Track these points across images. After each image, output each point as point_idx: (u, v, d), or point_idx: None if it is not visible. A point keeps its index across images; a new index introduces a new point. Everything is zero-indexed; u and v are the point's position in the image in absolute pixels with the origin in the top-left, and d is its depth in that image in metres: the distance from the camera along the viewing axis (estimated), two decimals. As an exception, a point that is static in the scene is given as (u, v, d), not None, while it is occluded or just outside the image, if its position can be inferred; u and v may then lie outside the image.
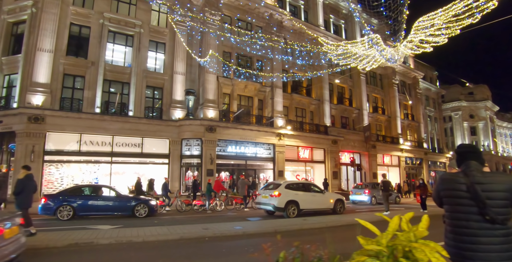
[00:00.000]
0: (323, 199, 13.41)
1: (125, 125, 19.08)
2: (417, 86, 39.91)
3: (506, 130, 67.63)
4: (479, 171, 2.38)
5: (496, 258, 2.19)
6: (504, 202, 2.25)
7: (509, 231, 2.23)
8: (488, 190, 2.26)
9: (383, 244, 1.37)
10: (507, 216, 2.24)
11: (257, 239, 7.06)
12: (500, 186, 2.27)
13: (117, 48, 20.67)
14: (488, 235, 2.23)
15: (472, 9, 11.73)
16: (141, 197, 11.96)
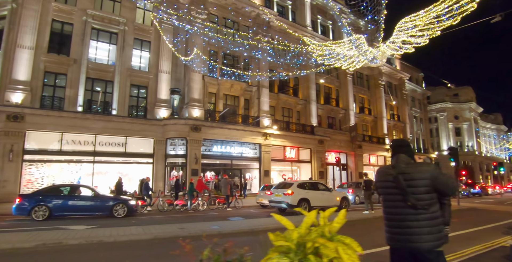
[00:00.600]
0: (331, 197, 14.27)
1: (109, 124, 18.80)
2: (403, 87, 40.45)
3: (489, 131, 69.11)
4: (405, 162, 2.60)
5: (420, 239, 2.40)
6: (425, 189, 2.46)
7: (432, 215, 2.45)
8: (410, 179, 2.49)
9: (292, 240, 1.34)
10: (429, 201, 2.45)
11: (231, 238, 7.01)
12: (422, 174, 2.48)
13: (101, 46, 20.37)
14: (412, 219, 2.45)
15: (452, 11, 11.95)
16: (119, 197, 11.77)
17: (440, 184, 2.46)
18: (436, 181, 2.45)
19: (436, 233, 2.42)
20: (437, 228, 2.44)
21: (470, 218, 12.31)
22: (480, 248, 6.26)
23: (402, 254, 2.52)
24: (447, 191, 2.55)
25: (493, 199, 26.60)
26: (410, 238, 2.44)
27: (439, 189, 2.49)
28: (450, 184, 2.51)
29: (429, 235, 2.40)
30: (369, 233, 8.43)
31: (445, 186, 2.49)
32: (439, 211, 2.51)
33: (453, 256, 5.50)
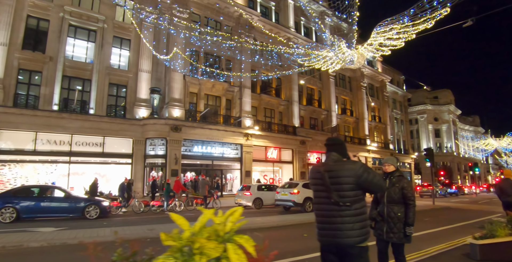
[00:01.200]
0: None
1: (85, 124, 18.38)
2: (384, 89, 41.21)
3: (468, 133, 71.20)
4: (333, 160, 2.65)
5: (342, 235, 2.45)
6: (349, 186, 2.49)
7: (355, 211, 2.48)
8: (336, 176, 2.53)
9: (181, 240, 1.32)
10: (353, 198, 2.49)
11: None
12: (346, 172, 2.52)
13: (79, 43, 19.89)
14: (336, 215, 2.50)
15: (427, 15, 12.26)
16: (92, 198, 11.51)
17: (365, 182, 2.50)
18: (360, 179, 2.48)
19: (358, 229, 2.46)
20: (360, 224, 2.48)
21: (442, 217, 12.63)
22: (445, 247, 6.41)
23: (329, 249, 2.56)
24: (373, 189, 2.61)
25: (468, 199, 27.40)
26: (334, 233, 2.49)
27: (364, 187, 2.54)
28: (376, 183, 2.53)
29: (352, 231, 2.44)
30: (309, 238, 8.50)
31: (370, 184, 2.52)
32: (364, 207, 2.56)
33: (417, 255, 5.61)
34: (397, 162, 4.30)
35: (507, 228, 5.40)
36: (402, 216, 3.85)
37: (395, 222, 3.86)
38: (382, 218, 3.99)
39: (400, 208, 3.91)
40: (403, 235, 3.81)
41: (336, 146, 2.76)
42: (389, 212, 3.94)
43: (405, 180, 4.07)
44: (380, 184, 2.58)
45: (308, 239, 7.22)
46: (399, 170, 4.23)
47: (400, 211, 3.89)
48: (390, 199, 3.97)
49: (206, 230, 1.38)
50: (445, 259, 5.26)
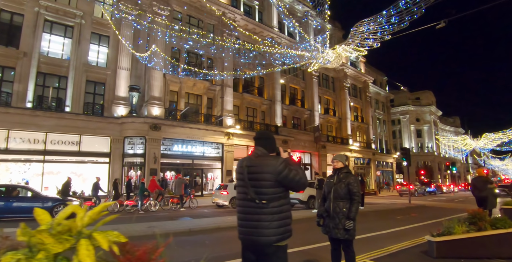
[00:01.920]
0: None
1: (61, 122, 17.91)
2: (367, 90, 41.76)
3: (448, 133, 72.87)
4: (257, 155, 2.55)
5: (258, 233, 2.37)
6: (268, 183, 2.41)
7: (273, 209, 2.40)
8: (255, 172, 2.45)
9: (31, 236, 1.25)
10: (271, 196, 2.41)
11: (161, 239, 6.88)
12: (266, 168, 2.43)
13: (55, 39, 19.36)
14: (253, 212, 2.42)
15: (402, 16, 12.46)
16: (61, 198, 11.20)
17: (285, 180, 2.42)
18: (279, 176, 2.40)
19: (275, 228, 2.38)
20: (278, 223, 2.40)
21: (415, 215, 12.86)
22: (409, 244, 6.50)
23: (248, 247, 2.50)
24: (293, 187, 2.50)
25: (446, 197, 28.05)
26: (251, 231, 2.42)
27: (284, 185, 2.45)
28: (297, 180, 2.44)
29: (268, 229, 2.37)
30: (307, 231, 8.52)
31: (291, 182, 2.44)
32: (285, 206, 2.48)
33: (377, 253, 5.66)
34: (346, 160, 4.32)
35: (464, 225, 5.51)
36: (347, 212, 3.86)
37: (340, 218, 3.86)
38: (328, 214, 3.99)
39: (345, 203, 3.91)
40: (346, 231, 3.81)
41: (263, 140, 2.66)
42: (334, 207, 3.94)
43: (352, 176, 4.10)
44: (301, 182, 2.48)
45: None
46: (347, 167, 4.27)
47: (346, 206, 3.89)
48: (336, 194, 3.97)
49: (62, 226, 1.32)
50: (403, 257, 5.32)
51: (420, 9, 12.03)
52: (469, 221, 5.65)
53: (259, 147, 2.61)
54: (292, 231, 2.53)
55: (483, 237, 5.42)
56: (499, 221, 5.71)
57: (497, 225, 5.61)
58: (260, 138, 2.68)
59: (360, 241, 7.03)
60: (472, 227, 5.51)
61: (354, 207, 3.88)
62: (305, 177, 2.54)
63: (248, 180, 2.46)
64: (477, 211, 5.71)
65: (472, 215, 5.66)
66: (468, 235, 5.30)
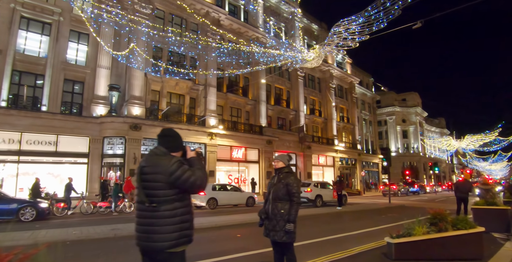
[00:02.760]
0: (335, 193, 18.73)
1: (37, 121, 17.45)
2: (353, 91, 42.03)
3: (434, 134, 74.05)
4: (153, 154, 2.40)
5: (148, 239, 2.23)
6: (159, 184, 2.25)
7: (165, 213, 2.24)
8: (147, 173, 2.30)
9: None
10: (163, 198, 2.25)
11: (122, 242, 6.71)
12: (157, 168, 2.28)
13: (31, 36, 18.85)
14: (145, 216, 2.27)
15: (381, 16, 12.53)
16: (27, 200, 10.86)
17: (178, 181, 2.25)
18: (171, 177, 2.24)
19: (168, 233, 2.23)
20: (171, 227, 2.24)
21: (391, 215, 12.89)
22: (374, 245, 6.44)
23: (144, 253, 2.35)
24: (188, 189, 2.32)
25: (427, 197, 28.39)
26: (143, 236, 2.28)
27: (178, 186, 2.28)
28: (191, 181, 2.26)
29: (159, 234, 2.22)
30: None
31: (184, 183, 2.26)
32: (180, 209, 2.31)
33: (337, 255, 5.58)
34: (289, 160, 4.16)
35: (425, 226, 5.46)
36: (285, 213, 3.69)
37: (278, 220, 3.70)
38: (267, 216, 3.84)
39: (284, 204, 3.75)
40: (284, 233, 3.64)
41: (165, 138, 2.49)
42: (273, 209, 3.78)
43: (292, 176, 3.92)
44: (197, 184, 2.30)
45: (241, 240, 7.09)
46: (288, 166, 4.09)
47: (284, 208, 3.73)
48: (275, 195, 3.82)
49: None
50: (362, 259, 5.26)
51: (397, 9, 12.14)
52: (430, 222, 5.61)
53: (159, 146, 2.46)
54: (192, 237, 2.38)
55: (444, 238, 5.39)
56: (460, 221, 5.69)
57: (458, 226, 5.58)
58: (162, 136, 2.51)
59: (329, 242, 6.99)
60: (433, 228, 5.47)
61: (293, 208, 3.71)
62: (203, 178, 2.34)
63: (140, 181, 2.31)
64: (438, 211, 5.68)
65: (433, 215, 5.62)
66: (427, 236, 5.26)
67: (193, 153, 2.53)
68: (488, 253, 6.01)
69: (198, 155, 2.55)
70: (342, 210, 14.07)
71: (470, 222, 5.78)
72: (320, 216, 12.16)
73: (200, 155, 2.59)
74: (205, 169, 2.50)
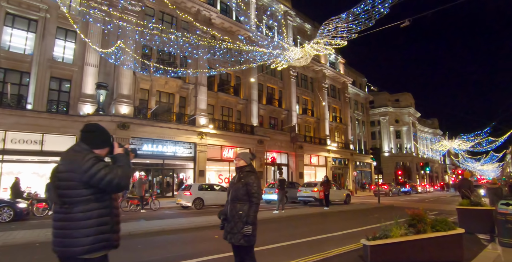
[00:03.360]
0: (340, 193, 19.36)
1: (22, 120, 17.09)
2: (346, 91, 42.02)
3: (427, 135, 74.43)
4: (71, 151, 2.21)
5: (59, 243, 2.06)
6: (72, 183, 2.06)
7: (77, 215, 2.05)
8: (61, 171, 2.12)
9: None
10: (77, 198, 2.05)
11: None
12: (71, 166, 2.09)
13: (17, 33, 18.47)
14: (58, 219, 2.09)
15: (369, 14, 12.44)
16: (5, 200, 10.57)
17: (93, 179, 2.04)
18: (85, 175, 2.04)
19: (81, 237, 2.02)
20: (85, 231, 2.04)
21: (378, 215, 12.76)
22: (353, 247, 6.29)
23: (60, 260, 2.12)
24: (105, 188, 2.10)
25: (418, 197, 28.42)
26: (56, 241, 2.08)
27: (94, 185, 2.07)
28: (108, 180, 2.05)
29: (71, 239, 2.02)
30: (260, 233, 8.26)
31: (100, 182, 2.06)
32: (96, 211, 2.09)
33: (314, 257, 5.43)
34: (251, 158, 3.93)
35: (403, 227, 5.32)
36: (244, 215, 3.48)
37: (236, 221, 3.49)
38: (225, 217, 3.63)
39: (242, 205, 3.53)
40: (241, 236, 3.44)
41: (88, 134, 2.30)
42: (231, 210, 3.58)
43: (252, 176, 3.70)
44: (114, 183, 2.08)
45: (217, 241, 6.90)
46: (250, 165, 3.86)
47: (243, 209, 3.51)
48: (233, 195, 3.62)
49: None
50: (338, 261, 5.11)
51: (386, 8, 12.06)
52: (409, 223, 5.48)
53: (81, 142, 2.26)
54: (110, 241, 2.16)
55: (422, 240, 5.25)
56: (440, 223, 5.56)
57: (437, 227, 5.46)
58: (85, 132, 2.31)
59: (307, 243, 6.83)
60: (411, 230, 5.33)
61: (252, 210, 3.50)
62: (122, 177, 2.12)
63: (54, 180, 2.11)
64: (416, 212, 5.54)
65: (412, 216, 5.48)
66: (405, 238, 5.12)
67: (121, 150, 2.33)
68: (470, 255, 5.90)
69: (126, 152, 2.36)
70: (329, 210, 13.94)
71: (449, 223, 5.66)
72: (305, 217, 12.01)
73: (130, 152, 2.39)
74: (129, 167, 2.26)
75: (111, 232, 2.17)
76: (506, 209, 7.35)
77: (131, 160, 2.39)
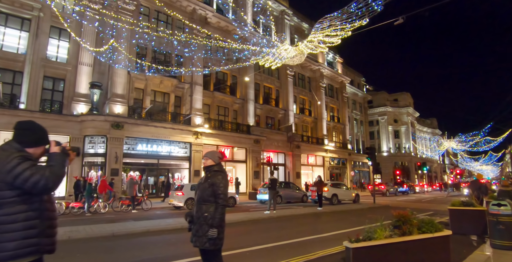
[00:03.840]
0: (349, 193, 20.38)
1: (14, 119, 16.33)
2: (344, 90, 41.88)
3: (426, 134, 74.31)
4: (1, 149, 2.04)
5: None
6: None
7: (0, 219, 1.88)
8: None
9: None
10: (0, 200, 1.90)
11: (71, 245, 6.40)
12: None
13: (10, 32, 18.36)
14: None
15: (363, 12, 12.33)
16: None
17: (17, 180, 1.89)
18: (8, 175, 1.89)
19: (3, 242, 1.86)
20: (7, 236, 1.87)
21: (371, 216, 12.63)
22: (338, 249, 6.15)
23: None
24: (31, 190, 1.94)
25: (415, 197, 28.28)
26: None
27: (19, 187, 1.92)
28: (34, 181, 1.91)
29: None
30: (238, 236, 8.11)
31: (24, 183, 1.90)
32: (23, 213, 1.94)
33: (295, 260, 5.29)
34: (220, 157, 3.76)
35: (388, 229, 5.19)
36: (209, 217, 3.30)
37: (201, 224, 3.32)
38: (191, 219, 3.46)
39: (208, 207, 3.34)
40: (206, 239, 3.26)
41: (20, 131, 2.15)
42: (197, 211, 3.42)
43: (219, 176, 3.51)
44: (41, 185, 1.93)
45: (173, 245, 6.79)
46: (219, 165, 3.68)
47: (208, 211, 3.32)
48: (199, 196, 3.46)
49: None
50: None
51: (379, 5, 11.94)
52: (394, 224, 5.34)
53: (11, 140, 2.12)
54: (41, 246, 1.99)
55: (407, 243, 5.11)
56: (426, 224, 5.42)
57: (422, 229, 5.32)
58: (17, 129, 2.17)
59: (291, 245, 6.69)
60: (396, 232, 5.19)
61: (217, 212, 3.31)
62: (50, 178, 1.99)
63: None
64: (402, 213, 5.39)
65: (397, 217, 5.34)
66: (389, 240, 4.97)
67: (57, 149, 2.20)
68: (458, 258, 5.78)
69: (64, 151, 2.22)
70: (323, 210, 13.79)
71: (436, 224, 5.52)
72: (296, 217, 11.85)
73: (69, 151, 2.25)
74: (62, 168, 2.12)
75: (41, 236, 2.01)
76: (498, 210, 7.22)
77: (71, 159, 2.26)
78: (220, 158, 3.74)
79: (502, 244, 6.68)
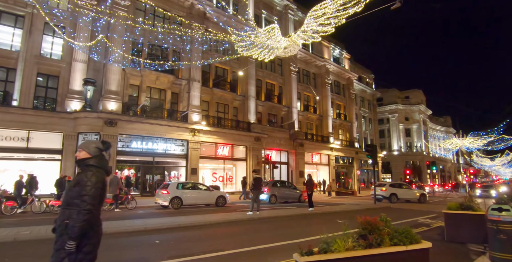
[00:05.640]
0: (412, 192, 21.59)
1: (6, 116, 16.84)
2: (351, 87, 40.72)
3: (439, 133, 72.06)
4: None
5: None
6: None
7: None
8: None
9: None
10: None
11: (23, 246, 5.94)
12: None
13: (3, 29, 18.26)
14: None
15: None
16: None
17: None
18: None
19: None
20: None
21: (344, 221, 11.82)
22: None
23: None
24: None
25: (423, 198, 26.99)
26: None
27: None
28: None
29: None
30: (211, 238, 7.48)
31: None
32: None
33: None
34: (99, 148, 3.01)
35: (352, 239, 4.44)
36: (70, 225, 2.60)
37: (61, 233, 2.65)
38: (54, 226, 2.77)
39: (72, 212, 2.66)
40: (65, 254, 2.57)
41: None
42: (59, 217, 2.74)
43: (90, 172, 2.79)
44: None
45: (154, 247, 6.21)
46: (97, 157, 2.95)
47: (71, 217, 2.64)
48: (65, 198, 2.78)
49: None
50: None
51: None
52: (361, 233, 4.58)
53: None
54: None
55: (373, 257, 4.31)
56: (399, 234, 4.62)
57: (394, 240, 4.53)
58: None
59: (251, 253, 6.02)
60: (361, 242, 4.43)
61: (79, 220, 2.60)
62: None
63: None
64: (368, 219, 4.60)
65: (363, 225, 4.57)
66: (350, 253, 4.22)
67: None
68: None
69: None
70: (313, 212, 13.03)
71: (412, 235, 4.68)
72: (279, 219, 11.09)
73: None
74: None
75: None
76: (498, 216, 6.11)
77: None
78: (100, 149, 3.01)
79: (502, 258, 5.59)
